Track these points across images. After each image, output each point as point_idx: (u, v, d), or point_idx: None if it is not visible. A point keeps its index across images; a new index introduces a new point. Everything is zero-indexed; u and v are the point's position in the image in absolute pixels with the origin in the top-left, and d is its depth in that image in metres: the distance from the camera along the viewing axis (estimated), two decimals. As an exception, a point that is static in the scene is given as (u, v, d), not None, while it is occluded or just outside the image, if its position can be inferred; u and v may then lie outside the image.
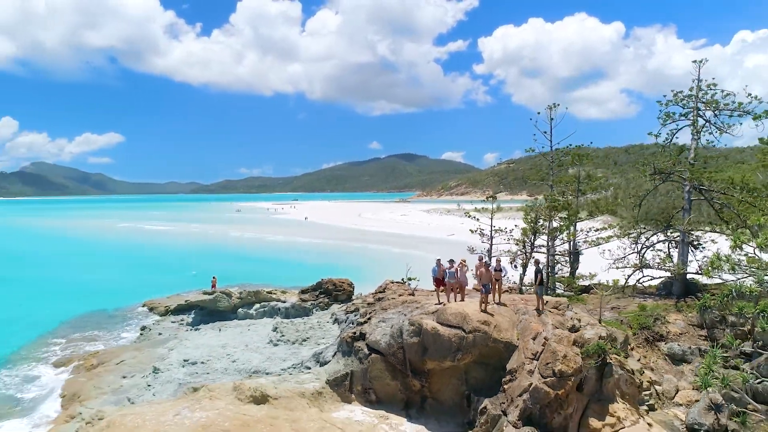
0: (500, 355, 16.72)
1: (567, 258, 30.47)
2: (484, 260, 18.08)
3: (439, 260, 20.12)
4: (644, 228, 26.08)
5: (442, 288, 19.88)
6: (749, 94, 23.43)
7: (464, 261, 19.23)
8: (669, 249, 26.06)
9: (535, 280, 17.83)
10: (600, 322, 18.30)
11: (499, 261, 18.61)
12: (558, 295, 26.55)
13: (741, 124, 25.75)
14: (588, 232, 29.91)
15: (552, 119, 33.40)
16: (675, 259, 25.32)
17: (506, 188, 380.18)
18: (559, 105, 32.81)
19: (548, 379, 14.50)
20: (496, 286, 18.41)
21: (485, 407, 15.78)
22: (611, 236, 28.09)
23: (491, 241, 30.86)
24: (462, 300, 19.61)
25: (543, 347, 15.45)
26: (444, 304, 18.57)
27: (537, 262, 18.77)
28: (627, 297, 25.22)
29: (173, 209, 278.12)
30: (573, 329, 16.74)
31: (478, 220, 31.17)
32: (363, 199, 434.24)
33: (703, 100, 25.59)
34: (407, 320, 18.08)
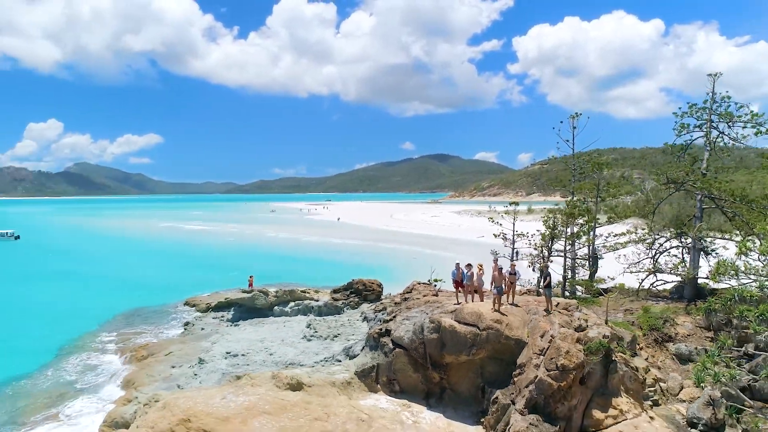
0: (512, 351, 18.41)
1: (587, 261, 31.78)
2: (498, 264, 19.76)
3: (458, 264, 21.90)
4: (659, 234, 27.32)
5: (461, 289, 21.68)
6: (751, 111, 24.50)
7: (481, 265, 20.94)
8: (683, 254, 27.20)
9: (543, 283, 19.48)
10: (606, 323, 19.78)
11: (513, 265, 20.29)
12: (576, 298, 28.02)
13: (757, 135, 26.74)
14: (607, 237, 31.18)
15: (574, 128, 34.84)
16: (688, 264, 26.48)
17: (539, 189, 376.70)
18: (581, 114, 34.25)
19: (552, 372, 16.15)
20: (511, 289, 20.12)
21: (497, 397, 17.52)
22: (629, 241, 29.32)
23: (513, 245, 32.35)
24: (481, 301, 21.36)
25: (549, 344, 17.09)
26: (462, 304, 20.38)
27: (546, 267, 20.37)
28: (641, 300, 26.50)
29: (210, 209, 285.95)
30: (579, 328, 18.30)
31: (501, 225, 32.66)
32: (395, 200, 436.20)
33: (717, 113, 26.69)
34: (428, 318, 19.96)
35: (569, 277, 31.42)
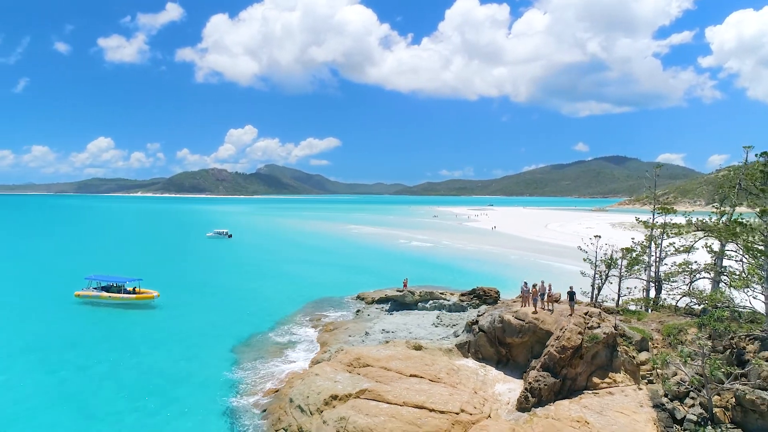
0: (546, 338, 30.22)
1: (654, 284, 41.10)
2: (535, 284, 31.65)
3: (524, 282, 33.99)
4: (693, 268, 36.27)
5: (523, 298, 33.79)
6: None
7: (535, 284, 32.77)
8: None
9: (569, 298, 30.88)
10: (615, 327, 30.43)
11: (549, 286, 31.93)
12: (631, 311, 38.02)
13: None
14: (671, 266, 40.29)
15: (657, 176, 44.48)
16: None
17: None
18: (662, 165, 43.84)
19: (557, 349, 27.84)
20: (546, 300, 31.83)
21: (532, 363, 29.57)
22: (680, 272, 38.36)
23: (596, 269, 42.62)
24: (542, 308, 33.13)
25: (562, 333, 28.70)
26: (520, 308, 32.53)
27: (571, 288, 31.60)
28: (675, 315, 35.74)
29: (382, 212, 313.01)
30: (590, 327, 29.47)
31: (586, 252, 43.06)
32: (560, 206, 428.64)
33: (745, 174, 35.01)
34: (498, 314, 32.46)
35: (640, 296, 41.14)
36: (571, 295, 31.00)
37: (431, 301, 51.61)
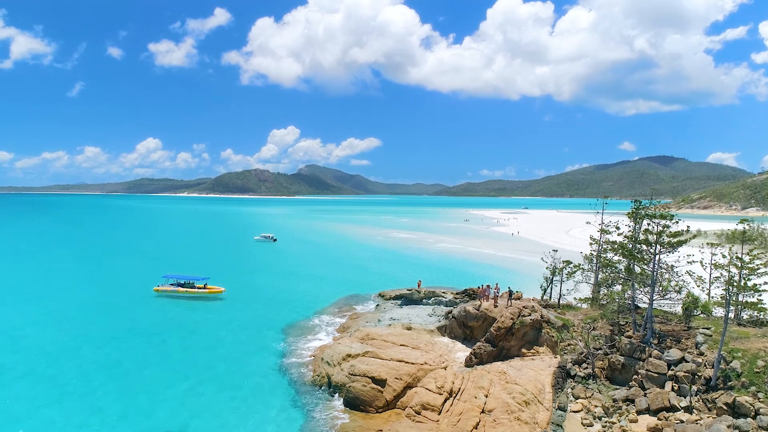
0: (493, 323, 44.56)
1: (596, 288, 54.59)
2: (488, 286, 45.89)
3: (480, 284, 48.32)
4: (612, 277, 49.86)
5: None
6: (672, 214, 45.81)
7: (488, 285, 47.00)
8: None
9: (509, 295, 45.10)
10: (541, 316, 44.42)
11: (497, 287, 46.24)
12: (564, 305, 51.67)
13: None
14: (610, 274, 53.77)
15: (606, 203, 57.92)
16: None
17: (759, 203, 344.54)
18: (609, 197, 57.24)
19: (495, 329, 42.20)
20: (494, 298, 46.13)
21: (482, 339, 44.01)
22: (607, 279, 51.86)
23: (553, 275, 56.32)
24: (490, 304, 47.37)
25: (500, 318, 43.03)
26: (480, 302, 47.01)
27: (509, 288, 45.70)
28: (599, 310, 49.32)
29: (416, 215, 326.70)
30: (522, 315, 43.65)
31: (546, 261, 56.85)
32: (594, 209, 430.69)
33: (643, 209, 48.45)
34: (464, 307, 46.99)
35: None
36: (510, 293, 45.36)
37: (433, 298, 66.17)
